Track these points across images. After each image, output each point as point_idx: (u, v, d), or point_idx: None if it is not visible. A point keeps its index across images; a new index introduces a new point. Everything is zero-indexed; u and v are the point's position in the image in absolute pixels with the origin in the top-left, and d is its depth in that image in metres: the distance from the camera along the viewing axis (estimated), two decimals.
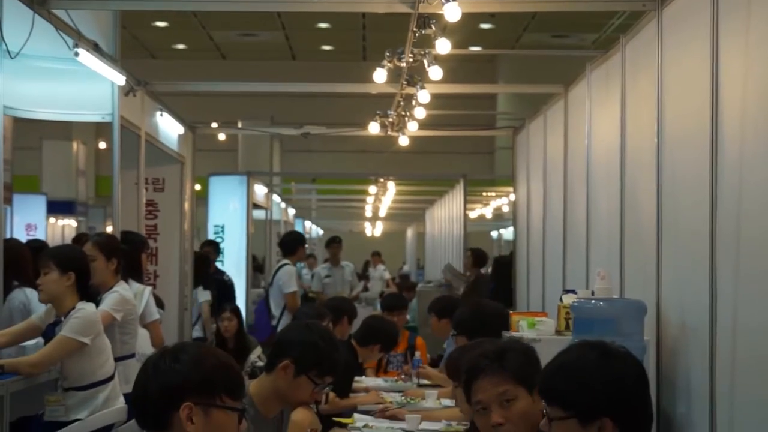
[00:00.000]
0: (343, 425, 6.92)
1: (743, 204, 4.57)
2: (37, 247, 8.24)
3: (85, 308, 6.25)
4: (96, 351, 6.29)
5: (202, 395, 3.01)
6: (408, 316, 11.92)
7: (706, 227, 4.86)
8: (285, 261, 11.92)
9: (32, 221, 17.55)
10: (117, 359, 6.69)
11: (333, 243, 16.29)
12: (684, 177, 5.39)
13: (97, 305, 6.65)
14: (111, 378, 6.41)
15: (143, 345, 7.76)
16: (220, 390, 3.04)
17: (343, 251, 16.82)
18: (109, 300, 6.83)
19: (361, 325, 8.53)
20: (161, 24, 24.75)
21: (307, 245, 14.69)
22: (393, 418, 6.77)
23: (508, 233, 25.18)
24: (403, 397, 7.47)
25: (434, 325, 9.18)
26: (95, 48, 7.60)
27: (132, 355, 7.12)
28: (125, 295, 7.01)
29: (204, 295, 12.13)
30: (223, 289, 12.77)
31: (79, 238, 10.67)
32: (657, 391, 5.56)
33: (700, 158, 4.98)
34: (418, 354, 9.19)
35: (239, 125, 20.03)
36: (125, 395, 6.56)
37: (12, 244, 7.86)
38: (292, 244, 12.25)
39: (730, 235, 4.67)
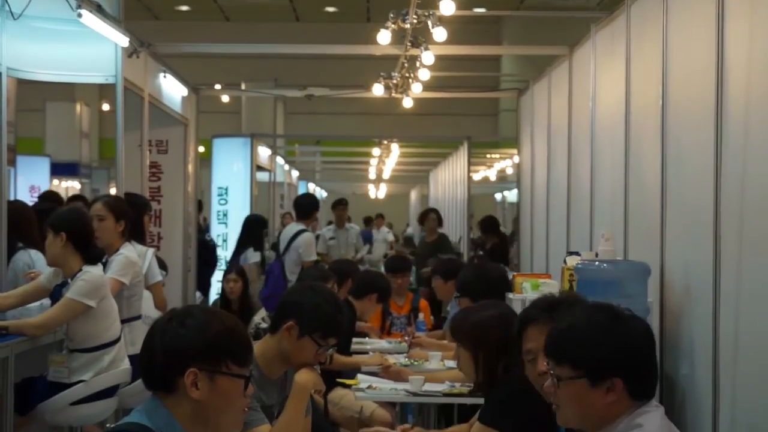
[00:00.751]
0: (347, 386, 6.95)
1: (748, 167, 4.56)
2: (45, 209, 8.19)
3: (92, 271, 6.26)
4: (102, 314, 6.30)
5: (206, 361, 3.00)
6: (411, 278, 11.91)
7: (710, 190, 4.85)
8: (302, 227, 11.84)
9: (36, 183, 17.53)
10: (123, 321, 6.72)
11: (339, 205, 16.26)
12: (689, 140, 5.38)
13: (104, 267, 6.66)
14: (117, 341, 6.42)
15: (147, 307, 7.77)
16: (225, 357, 3.04)
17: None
18: (115, 265, 6.83)
19: (354, 282, 8.55)
20: None
21: None
22: (397, 376, 6.78)
23: (512, 195, 25.16)
24: (406, 359, 7.49)
25: (439, 287, 9.19)
26: (98, 9, 7.57)
27: (138, 317, 7.13)
28: (131, 257, 7.02)
29: (254, 257, 12.11)
30: (205, 250, 12.81)
31: (74, 199, 10.69)
32: (660, 354, 5.56)
33: (705, 121, 4.97)
34: (421, 316, 9.20)
35: (243, 87, 20.00)
36: (131, 357, 6.59)
37: (16, 205, 7.87)
38: (310, 207, 12.18)
39: (734, 199, 4.66)
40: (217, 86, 14.26)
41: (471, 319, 4.77)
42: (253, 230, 12.83)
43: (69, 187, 22.28)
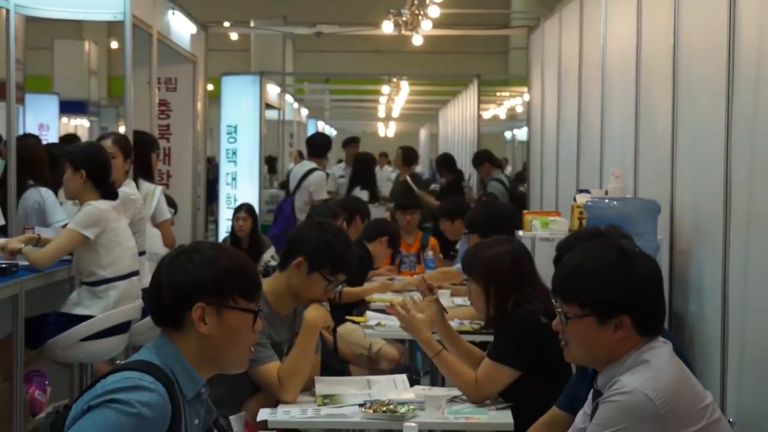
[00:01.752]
0: (356, 323, 6.97)
1: (759, 106, 4.53)
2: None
3: (93, 204, 6.28)
4: (103, 248, 6.33)
5: (214, 296, 3.01)
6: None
7: (721, 129, 4.83)
8: (313, 165, 11.80)
9: (45, 121, 17.50)
10: None
11: (351, 143, 16.20)
12: (700, 79, 5.34)
13: None
14: (124, 278, 6.43)
15: (155, 245, 7.80)
16: (233, 291, 3.04)
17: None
18: (81, 215, 6.75)
19: (366, 227, 8.55)
20: None
21: None
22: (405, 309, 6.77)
23: (521, 134, 25.10)
24: (416, 297, 7.49)
25: (447, 228, 9.21)
26: None
27: (142, 253, 7.15)
28: (130, 193, 7.04)
29: (362, 196, 12.10)
30: None
31: (70, 139, 10.68)
32: (669, 291, 5.57)
33: (717, 61, 4.93)
34: (431, 254, 9.20)
35: (252, 24, 19.87)
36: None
37: (28, 143, 7.86)
38: (323, 146, 12.15)
39: (744, 138, 4.64)
40: (226, 24, 14.15)
41: (483, 254, 4.78)
42: (363, 169, 13.19)
43: (78, 125, 22.26)
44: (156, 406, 2.89)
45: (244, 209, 10.45)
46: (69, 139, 10.31)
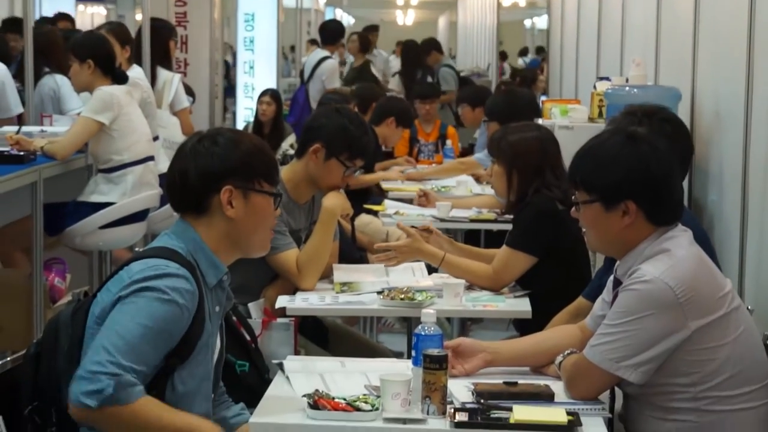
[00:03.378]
0: (374, 212, 6.97)
1: None
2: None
3: (104, 88, 6.26)
4: (118, 133, 6.33)
5: (241, 179, 3.03)
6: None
7: (744, 12, 4.75)
8: (326, 53, 11.71)
9: (61, 9, 17.38)
10: None
11: (370, 31, 16.06)
12: None
13: None
14: (140, 162, 6.43)
15: (174, 133, 7.78)
16: (257, 174, 3.07)
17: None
18: (93, 101, 6.70)
19: (373, 110, 8.40)
20: None
21: None
22: (425, 202, 6.78)
23: (541, 22, 24.87)
24: (433, 186, 7.48)
25: (467, 114, 9.14)
26: None
27: (155, 138, 7.15)
28: (135, 77, 7.01)
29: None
30: None
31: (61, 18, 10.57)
32: (689, 179, 5.54)
33: None
34: (449, 143, 9.16)
35: None
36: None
37: (44, 30, 7.82)
38: (335, 33, 12.04)
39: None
40: None
41: (510, 137, 4.74)
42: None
43: (95, 13, 22.11)
44: (186, 292, 2.91)
45: (269, 94, 10.38)
46: (59, 19, 10.16)
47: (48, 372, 2.93)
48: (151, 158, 6.56)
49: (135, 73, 7.10)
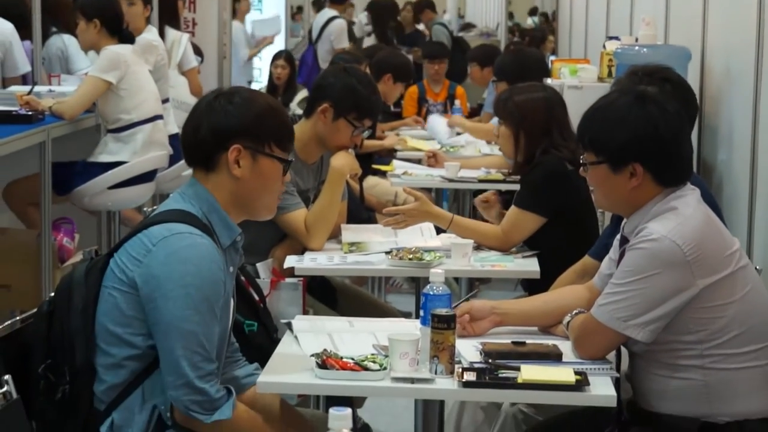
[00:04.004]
0: (383, 173, 6.97)
1: None
2: None
3: (110, 48, 6.26)
4: (126, 92, 6.33)
5: (251, 139, 3.02)
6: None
7: None
8: (334, 13, 11.65)
9: None
10: None
11: None
12: None
13: None
14: (148, 121, 6.43)
15: (182, 93, 7.77)
16: (269, 137, 3.05)
17: None
18: (101, 60, 6.68)
19: (369, 67, 8.31)
20: None
21: None
22: (434, 162, 6.77)
23: None
24: (442, 147, 7.47)
25: (476, 74, 9.12)
26: None
27: (166, 100, 7.15)
28: (152, 39, 7.01)
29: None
30: None
31: None
32: (698, 139, 5.53)
33: None
34: (458, 103, 9.14)
35: None
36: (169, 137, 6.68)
37: None
38: None
39: None
40: None
41: (516, 98, 4.72)
42: None
43: None
44: (213, 253, 2.91)
45: (283, 56, 10.32)
46: None
47: (61, 330, 2.93)
48: (159, 117, 6.55)
49: (152, 35, 7.11)
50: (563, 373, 2.95)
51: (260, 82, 12.99)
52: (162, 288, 2.85)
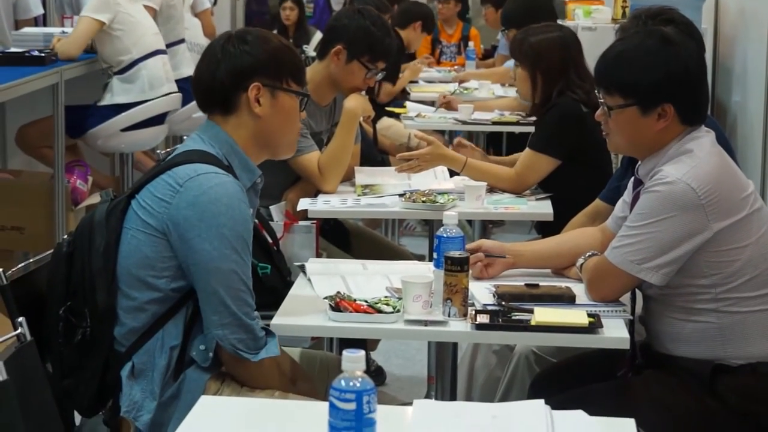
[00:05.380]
0: (396, 115, 6.95)
1: None
2: None
3: None
4: (122, 32, 6.36)
5: (269, 76, 3.01)
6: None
7: None
8: None
9: None
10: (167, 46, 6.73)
11: None
12: None
13: None
14: (150, 55, 6.42)
15: (195, 34, 7.75)
16: (286, 72, 3.04)
17: None
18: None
19: (397, 13, 8.33)
20: None
21: None
22: (447, 105, 6.76)
23: None
24: (456, 88, 7.45)
25: (490, 15, 9.05)
26: None
27: (180, 41, 7.12)
28: None
29: None
30: None
31: None
32: (713, 80, 5.50)
33: None
34: (471, 44, 9.10)
35: None
36: (179, 81, 6.66)
37: None
38: None
39: None
40: None
41: (532, 39, 4.68)
42: None
43: None
44: (240, 192, 2.91)
45: None
46: None
47: (82, 271, 2.91)
48: (162, 52, 6.54)
49: None
50: (576, 316, 2.96)
51: None
52: (195, 229, 2.82)
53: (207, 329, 2.86)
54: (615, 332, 2.94)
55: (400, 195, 4.39)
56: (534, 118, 4.79)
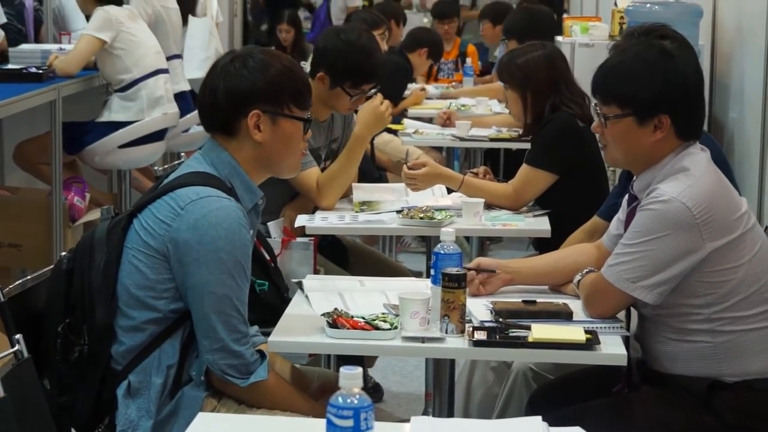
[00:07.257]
0: (394, 131, 6.96)
1: None
2: None
3: (102, 8, 6.32)
4: (124, 51, 6.36)
5: (269, 103, 2.99)
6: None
7: None
8: None
9: None
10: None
11: None
12: None
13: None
14: (150, 75, 6.43)
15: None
16: (287, 98, 3.01)
17: None
18: (93, 20, 6.62)
19: (406, 36, 8.42)
20: None
21: None
22: (448, 121, 6.77)
23: None
24: (453, 105, 7.46)
25: (487, 31, 9.07)
26: None
27: (175, 56, 7.13)
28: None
29: None
30: None
31: None
32: (710, 96, 5.51)
33: None
34: (469, 61, 9.11)
35: None
36: (177, 95, 6.67)
37: None
38: None
39: None
40: None
41: (517, 60, 4.71)
42: None
43: None
44: (241, 216, 2.90)
45: (286, 20, 10.27)
46: None
47: (81, 288, 2.91)
48: (163, 71, 6.55)
49: None
50: (574, 332, 2.96)
51: None
52: (194, 252, 2.83)
53: (200, 352, 2.88)
54: (612, 349, 2.94)
55: (398, 211, 4.39)
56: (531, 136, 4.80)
